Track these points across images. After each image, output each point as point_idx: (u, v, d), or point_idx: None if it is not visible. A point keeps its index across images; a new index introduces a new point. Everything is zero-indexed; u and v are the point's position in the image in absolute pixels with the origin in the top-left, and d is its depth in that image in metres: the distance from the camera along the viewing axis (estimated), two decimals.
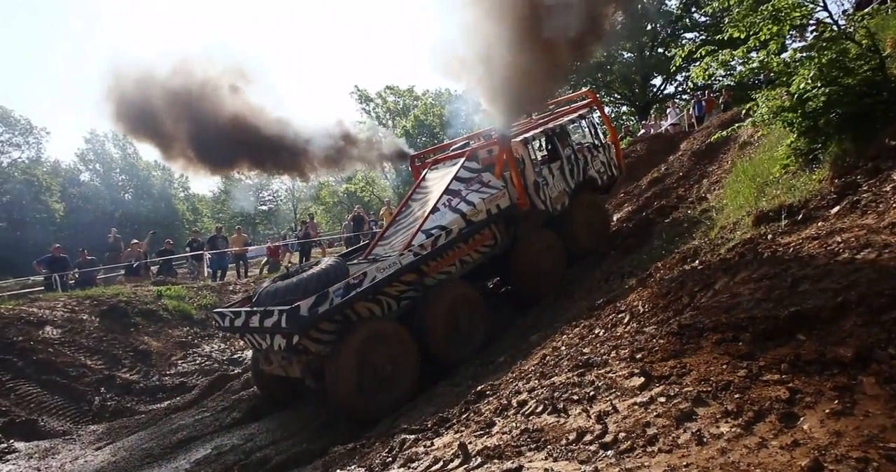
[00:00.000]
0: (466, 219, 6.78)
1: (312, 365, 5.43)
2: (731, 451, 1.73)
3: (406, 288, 6.12)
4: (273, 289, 5.70)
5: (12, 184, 31.41)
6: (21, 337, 7.53)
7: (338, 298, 5.30)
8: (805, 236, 3.78)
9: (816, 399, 1.85)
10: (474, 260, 6.95)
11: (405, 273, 6.00)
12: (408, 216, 7.44)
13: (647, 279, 5.32)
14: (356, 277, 5.51)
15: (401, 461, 2.83)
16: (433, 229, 6.54)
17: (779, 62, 5.35)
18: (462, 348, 6.21)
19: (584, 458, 1.99)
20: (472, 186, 7.31)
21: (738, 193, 6.54)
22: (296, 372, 5.59)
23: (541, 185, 7.80)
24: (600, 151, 8.98)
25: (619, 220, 10.76)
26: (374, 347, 5.45)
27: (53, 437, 6.11)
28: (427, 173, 8.25)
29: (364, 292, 5.53)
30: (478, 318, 6.51)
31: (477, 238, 6.98)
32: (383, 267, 5.76)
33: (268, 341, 5.53)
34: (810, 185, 4.88)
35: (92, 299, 9.39)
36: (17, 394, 6.65)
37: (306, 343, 5.27)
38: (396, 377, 5.53)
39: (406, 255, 6.01)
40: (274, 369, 5.90)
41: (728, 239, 5.25)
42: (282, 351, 5.49)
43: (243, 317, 5.56)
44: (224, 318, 5.93)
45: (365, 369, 5.33)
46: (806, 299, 2.58)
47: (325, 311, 5.20)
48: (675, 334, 2.83)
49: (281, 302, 5.35)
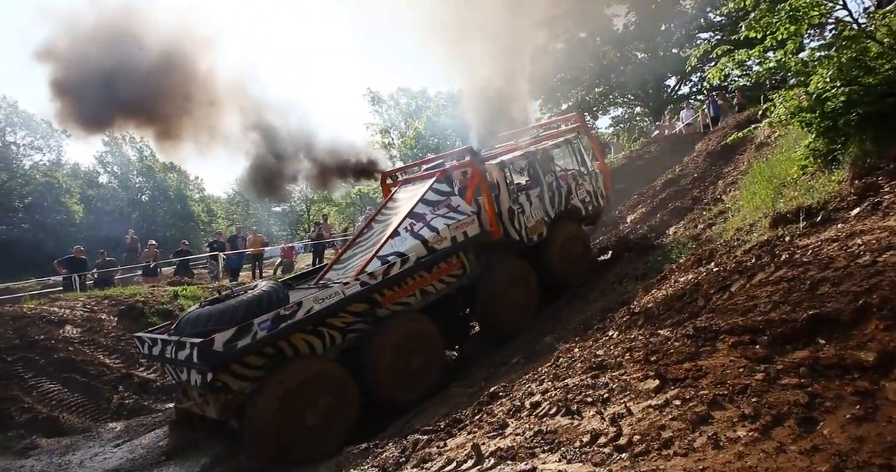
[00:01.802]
0: (428, 246, 6.20)
1: (233, 405, 4.74)
2: (748, 455, 1.71)
3: (354, 319, 5.47)
4: (195, 315, 5.06)
5: (34, 186, 32.14)
6: (43, 336, 7.70)
7: (263, 331, 4.66)
8: (824, 238, 3.71)
9: (837, 404, 1.83)
10: (438, 291, 6.30)
11: (351, 303, 5.38)
12: (368, 239, 6.87)
13: (662, 281, 5.27)
14: (289, 307, 4.91)
15: (414, 461, 2.83)
16: (390, 256, 5.98)
17: (797, 62, 5.27)
18: (410, 390, 5.56)
19: (599, 460, 1.98)
20: (439, 210, 6.69)
21: (754, 195, 6.45)
22: (213, 412, 4.86)
23: (516, 212, 7.21)
24: (586, 179, 8.41)
25: (632, 221, 10.68)
26: (304, 389, 4.79)
27: (74, 434, 6.23)
28: (396, 193, 7.66)
29: (297, 324, 4.91)
30: (433, 357, 5.87)
31: (442, 267, 6.34)
32: (322, 297, 5.14)
33: (185, 374, 4.94)
34: (829, 186, 4.80)
35: (110, 299, 9.56)
36: (39, 391, 6.80)
37: (226, 380, 4.63)
38: (326, 426, 4.88)
39: (353, 284, 5.40)
40: (191, 406, 5.22)
41: (744, 241, 5.18)
42: (197, 388, 4.89)
43: (160, 345, 4.99)
44: (143, 344, 5.36)
45: (290, 414, 4.67)
46: (825, 302, 2.54)
47: (246, 346, 4.56)
48: (690, 336, 2.81)
49: (201, 332, 4.72)
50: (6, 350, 7.26)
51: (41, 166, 34.76)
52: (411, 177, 8.15)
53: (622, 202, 12.44)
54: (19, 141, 35.15)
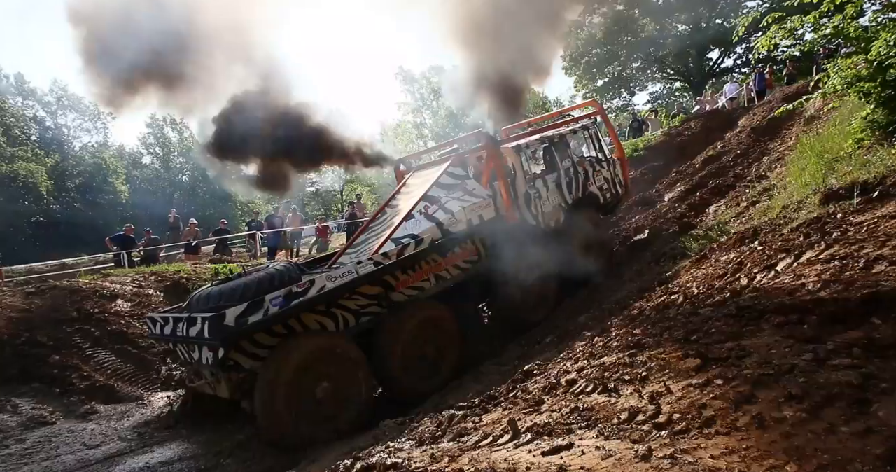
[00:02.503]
0: (443, 229, 6.06)
1: (245, 384, 4.66)
2: (795, 435, 1.66)
3: (368, 302, 5.32)
4: (207, 293, 5.02)
5: (84, 167, 33.61)
6: (97, 309, 8.16)
7: (275, 307, 4.55)
8: (881, 214, 3.52)
9: (893, 386, 1.75)
10: (453, 277, 6.08)
11: (364, 284, 5.24)
12: (382, 223, 6.77)
13: (702, 261, 5.13)
14: (301, 284, 4.81)
15: (450, 435, 2.89)
16: (404, 238, 5.87)
17: (857, 27, 4.92)
18: (423, 380, 5.41)
19: (637, 437, 1.97)
20: (455, 193, 6.59)
21: (803, 171, 6.15)
22: (224, 392, 4.83)
23: (532, 197, 7.04)
24: (604, 167, 8.15)
25: (670, 200, 10.37)
26: (318, 367, 4.70)
27: (128, 401, 6.63)
28: (410, 178, 7.60)
29: (309, 301, 4.79)
30: (449, 346, 5.70)
31: (457, 252, 6.15)
32: (335, 276, 5.03)
33: (196, 353, 4.86)
34: (889, 160, 4.52)
35: (156, 275, 10.02)
36: (95, 361, 7.24)
37: (237, 358, 4.54)
38: (340, 405, 4.77)
39: (366, 264, 5.28)
40: (202, 386, 5.17)
41: (791, 219, 4.96)
42: (209, 366, 4.81)
43: (171, 324, 4.93)
44: (155, 324, 5.29)
45: (303, 392, 4.59)
46: (882, 281, 2.42)
47: (258, 321, 4.46)
48: (733, 315, 2.73)
49: (213, 308, 4.66)
50: (66, 322, 7.74)
51: (90, 148, 36.34)
52: (425, 163, 8.05)
53: (660, 180, 12.07)
54: (70, 123, 36.82)
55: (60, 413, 6.17)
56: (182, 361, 5.80)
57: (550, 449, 2.08)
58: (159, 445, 5.34)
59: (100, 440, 5.52)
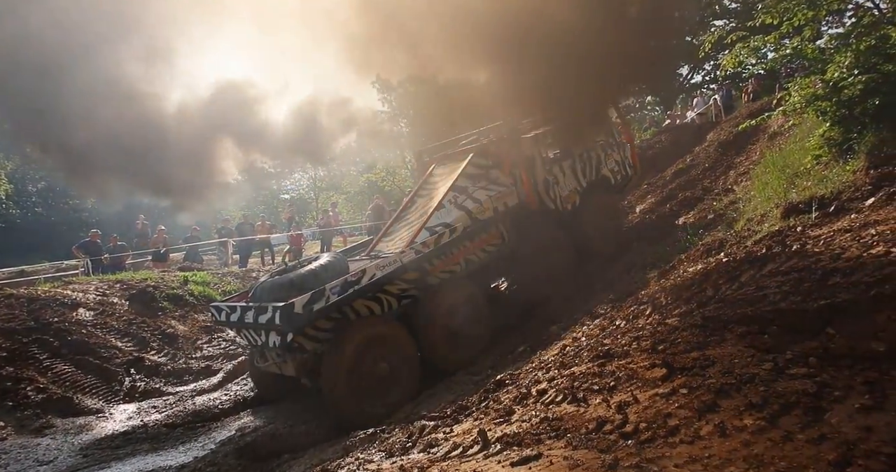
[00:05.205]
0: (472, 217, 6.67)
1: (308, 364, 5.28)
2: (754, 443, 1.71)
3: (407, 286, 5.91)
4: (269, 284, 5.57)
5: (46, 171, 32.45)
6: (56, 318, 7.81)
7: (335, 295, 5.14)
8: (837, 228, 3.67)
9: (846, 394, 1.82)
10: (480, 260, 6.73)
11: (406, 271, 5.83)
12: (413, 212, 7.29)
13: (671, 271, 5.25)
14: (355, 274, 5.37)
15: (420, 446, 2.87)
16: (437, 227, 6.42)
17: (813, 49, 5.18)
18: (462, 351, 5.98)
19: (604, 447, 1.99)
20: (480, 183, 7.16)
21: (766, 185, 6.37)
22: (291, 371, 5.46)
23: (551, 183, 7.58)
24: (614, 150, 8.72)
25: (641, 211, 10.60)
26: (373, 347, 5.28)
27: (88, 414, 6.34)
28: (434, 169, 8.06)
29: (362, 289, 5.38)
30: (481, 321, 6.30)
31: (483, 237, 6.79)
32: (383, 265, 5.61)
33: (263, 337, 5.42)
34: (844, 176, 4.73)
35: (122, 284, 9.68)
36: (53, 372, 6.91)
37: (302, 341, 5.14)
38: (395, 380, 5.35)
39: (408, 253, 5.86)
40: (269, 366, 5.79)
41: (755, 231, 5.13)
42: (276, 349, 5.36)
43: (239, 312, 5.48)
44: (220, 312, 5.88)
45: (363, 369, 5.16)
46: (837, 293, 2.52)
47: (321, 308, 5.06)
48: (698, 326, 2.80)
49: (277, 298, 5.23)
50: (21, 332, 7.37)
51: None
52: (447, 153, 8.49)
53: (631, 192, 12.34)
54: None
55: (12, 428, 5.83)
56: (246, 344, 6.32)
57: (519, 460, 2.09)
58: (118, 460, 5.14)
59: (54, 456, 5.28)
